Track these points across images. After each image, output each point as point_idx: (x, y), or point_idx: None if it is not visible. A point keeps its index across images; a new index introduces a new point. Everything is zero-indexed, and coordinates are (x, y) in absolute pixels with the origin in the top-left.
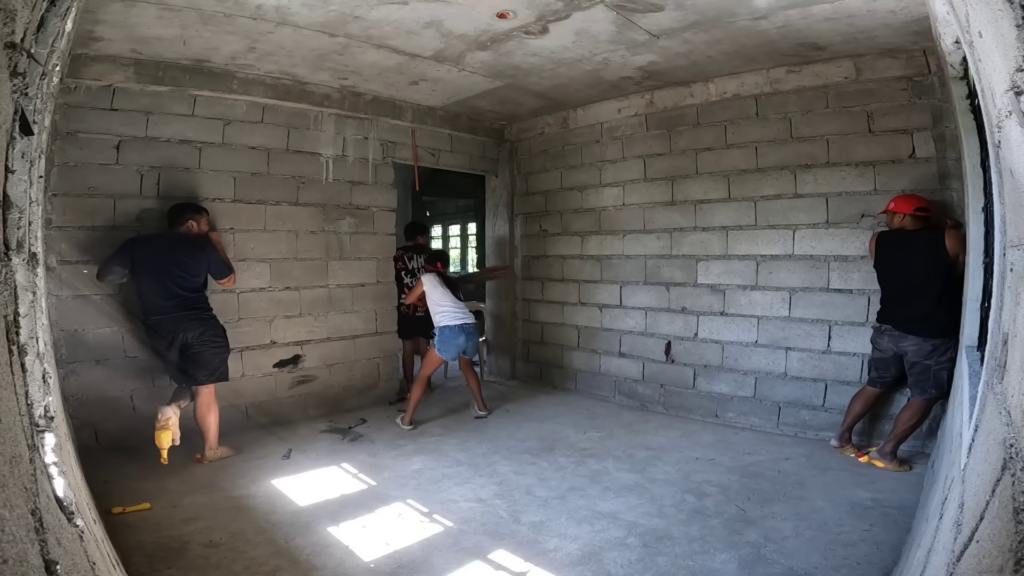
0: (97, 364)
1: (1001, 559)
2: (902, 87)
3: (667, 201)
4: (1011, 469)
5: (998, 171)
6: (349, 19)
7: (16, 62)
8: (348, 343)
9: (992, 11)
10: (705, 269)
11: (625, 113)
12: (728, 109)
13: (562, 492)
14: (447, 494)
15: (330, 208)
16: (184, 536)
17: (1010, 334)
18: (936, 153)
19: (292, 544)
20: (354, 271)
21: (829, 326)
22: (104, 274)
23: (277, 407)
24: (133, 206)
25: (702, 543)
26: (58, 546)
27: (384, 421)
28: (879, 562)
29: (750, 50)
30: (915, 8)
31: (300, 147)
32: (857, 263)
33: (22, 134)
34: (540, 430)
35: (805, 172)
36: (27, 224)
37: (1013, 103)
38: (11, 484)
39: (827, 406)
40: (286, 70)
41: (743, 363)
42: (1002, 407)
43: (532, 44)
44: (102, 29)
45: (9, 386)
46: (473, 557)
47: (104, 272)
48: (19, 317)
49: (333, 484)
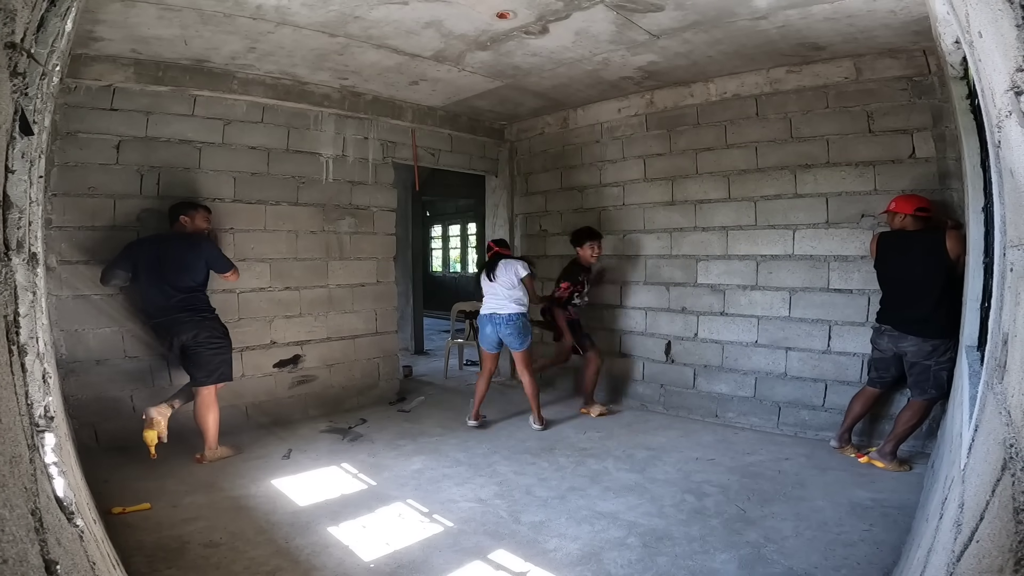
0: (97, 364)
1: (1001, 559)
2: (902, 87)
3: (667, 201)
4: (1011, 469)
5: (998, 171)
6: (349, 19)
7: (16, 62)
8: (348, 343)
9: (992, 11)
10: (705, 269)
11: (625, 113)
12: (728, 109)
13: (562, 492)
14: (447, 494)
15: (330, 208)
16: (184, 536)
17: (1010, 334)
18: (936, 153)
19: (292, 544)
20: (354, 271)
21: (829, 326)
22: (108, 279)
23: (277, 407)
24: (133, 206)
25: (702, 543)
26: (58, 546)
27: (384, 421)
28: (879, 562)
29: (750, 50)
30: (915, 8)
31: (300, 147)
32: (857, 263)
33: (22, 134)
34: (540, 430)
35: (805, 172)
36: (27, 224)
37: (1013, 103)
38: (11, 484)
39: (827, 406)
40: (286, 70)
41: (743, 363)
42: (1002, 407)
43: (532, 44)
44: (102, 29)
45: (9, 386)
46: (473, 557)
47: (107, 277)
48: (19, 317)
49: (333, 484)
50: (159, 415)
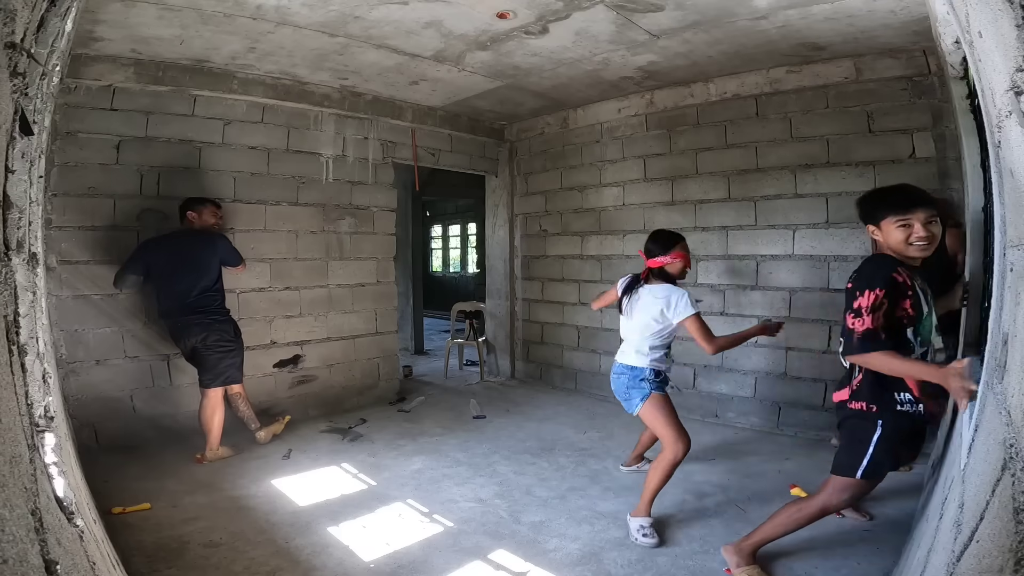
0: (97, 364)
1: (1001, 559)
2: (902, 87)
3: (667, 201)
4: (1011, 469)
5: (998, 171)
6: (349, 19)
7: (16, 62)
8: (348, 343)
9: (992, 11)
10: (705, 269)
11: (625, 113)
12: (728, 109)
13: (562, 492)
14: (447, 494)
15: (330, 208)
16: (184, 536)
17: (1010, 334)
18: (936, 153)
19: (292, 544)
20: (354, 271)
21: (829, 326)
22: (120, 282)
23: (277, 407)
24: (133, 206)
25: (702, 543)
26: (58, 546)
27: (384, 421)
28: (879, 562)
29: (750, 50)
30: (915, 8)
31: (300, 147)
32: (857, 263)
33: (22, 134)
34: (540, 430)
35: (805, 172)
36: (27, 224)
37: (1013, 103)
38: (11, 484)
39: (827, 406)
40: (286, 70)
41: (743, 363)
42: (1002, 407)
43: (532, 44)
44: (102, 29)
45: (9, 386)
46: (473, 557)
47: (120, 280)
48: (19, 317)
49: (333, 484)
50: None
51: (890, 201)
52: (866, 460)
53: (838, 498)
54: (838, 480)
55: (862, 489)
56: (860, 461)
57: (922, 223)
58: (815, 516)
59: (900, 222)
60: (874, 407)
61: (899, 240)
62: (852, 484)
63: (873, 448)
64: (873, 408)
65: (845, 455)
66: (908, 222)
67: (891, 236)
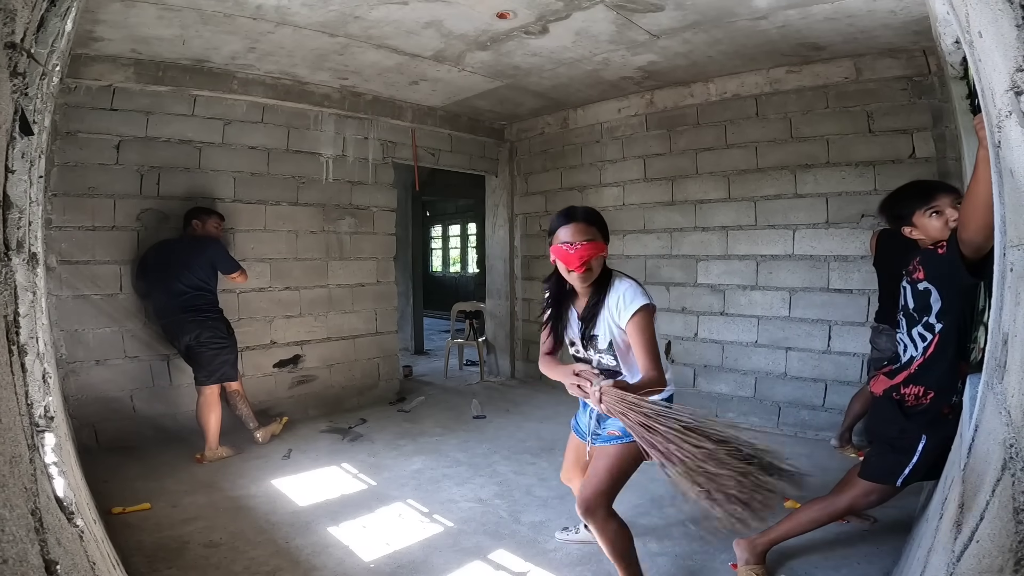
0: (97, 364)
1: (1001, 559)
2: (902, 87)
3: (667, 201)
4: (1011, 469)
5: (998, 171)
6: (349, 19)
7: (16, 62)
8: (348, 343)
9: (992, 11)
10: (705, 269)
11: (625, 113)
12: (728, 109)
13: (562, 492)
14: (447, 494)
15: (330, 208)
16: (184, 536)
17: (1010, 334)
18: (936, 153)
19: (292, 544)
20: (354, 271)
21: (829, 326)
22: (136, 291)
23: (277, 407)
24: (133, 206)
25: (702, 543)
26: (58, 546)
27: (384, 421)
28: (879, 562)
29: (750, 50)
30: (915, 8)
31: (300, 147)
32: (857, 263)
33: (22, 134)
34: (540, 430)
35: (805, 172)
36: (27, 224)
37: (1013, 103)
38: (11, 484)
39: (827, 406)
40: (286, 70)
41: (743, 363)
42: (1002, 407)
43: (532, 44)
44: (102, 29)
45: (9, 386)
46: (473, 557)
47: (135, 290)
48: (19, 317)
49: (333, 484)
50: (266, 433)
51: (910, 195)
52: (909, 468)
53: (866, 500)
54: (867, 484)
55: (891, 494)
56: (902, 469)
57: (952, 207)
58: (840, 516)
59: (931, 210)
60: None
61: (938, 228)
62: (884, 489)
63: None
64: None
65: (882, 459)
66: (938, 208)
67: (929, 227)
